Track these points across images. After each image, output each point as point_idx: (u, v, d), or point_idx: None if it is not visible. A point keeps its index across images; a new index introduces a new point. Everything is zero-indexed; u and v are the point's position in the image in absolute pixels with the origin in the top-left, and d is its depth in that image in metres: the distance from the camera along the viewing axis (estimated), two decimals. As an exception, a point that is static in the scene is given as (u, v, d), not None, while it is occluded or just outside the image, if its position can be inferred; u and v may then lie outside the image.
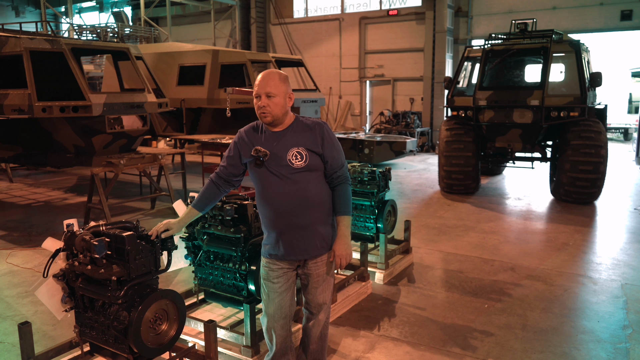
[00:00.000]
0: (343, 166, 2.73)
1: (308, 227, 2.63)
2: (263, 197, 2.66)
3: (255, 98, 2.60)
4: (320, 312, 2.87)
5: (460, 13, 15.48)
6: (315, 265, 2.73)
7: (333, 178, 2.70)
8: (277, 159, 2.59)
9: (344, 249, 2.70)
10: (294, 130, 2.65)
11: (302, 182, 2.59)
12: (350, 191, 2.76)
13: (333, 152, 2.67)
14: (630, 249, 5.74)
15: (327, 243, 2.73)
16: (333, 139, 2.69)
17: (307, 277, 2.77)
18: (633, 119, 16.38)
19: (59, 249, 2.65)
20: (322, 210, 2.67)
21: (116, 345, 2.57)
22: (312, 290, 2.80)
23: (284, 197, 2.58)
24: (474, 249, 5.75)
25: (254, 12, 18.91)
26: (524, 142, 8.43)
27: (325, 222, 2.70)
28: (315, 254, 2.70)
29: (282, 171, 2.58)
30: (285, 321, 2.82)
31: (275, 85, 2.57)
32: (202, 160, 8.88)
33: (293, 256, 2.68)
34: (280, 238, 2.65)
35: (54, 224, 6.89)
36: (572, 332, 3.76)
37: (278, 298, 2.75)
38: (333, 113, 18.10)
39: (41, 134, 6.80)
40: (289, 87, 2.64)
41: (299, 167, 2.58)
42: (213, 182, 2.78)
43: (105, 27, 18.05)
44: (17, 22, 12.36)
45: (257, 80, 2.61)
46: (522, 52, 8.54)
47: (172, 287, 4.46)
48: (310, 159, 2.60)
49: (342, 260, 2.71)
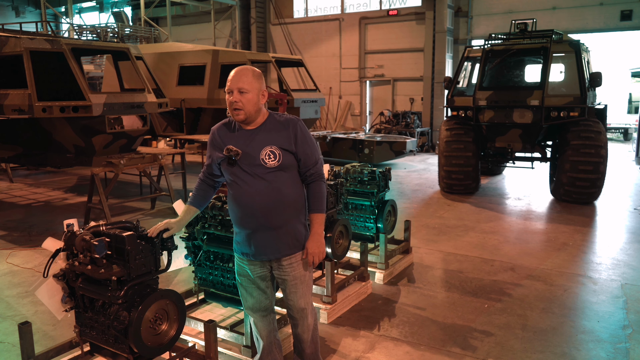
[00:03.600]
0: (317, 163, 2.67)
1: (280, 227, 2.60)
2: (235, 195, 2.61)
3: (227, 94, 2.54)
4: (307, 317, 2.83)
5: (460, 13, 15.48)
6: (291, 267, 2.68)
7: (307, 175, 2.66)
8: (250, 158, 2.54)
9: (316, 246, 2.66)
10: (266, 128, 2.60)
11: (275, 182, 2.55)
12: (325, 188, 2.71)
13: (306, 149, 2.63)
14: (630, 249, 5.74)
15: (300, 242, 2.68)
16: (307, 135, 2.64)
17: (284, 281, 2.72)
18: (633, 119, 16.38)
19: (59, 249, 2.65)
20: (296, 209, 2.64)
21: (116, 345, 2.57)
22: (291, 295, 2.75)
23: (257, 197, 2.54)
24: (474, 249, 5.75)
25: (254, 12, 18.91)
26: (524, 142, 8.43)
27: (298, 222, 2.66)
28: (287, 252, 2.65)
29: (255, 171, 2.54)
30: (265, 312, 2.81)
31: (248, 82, 2.52)
32: (202, 160, 8.87)
33: (264, 256, 2.65)
34: (251, 237, 2.61)
35: (54, 224, 6.89)
36: (572, 332, 3.76)
37: (256, 291, 2.75)
38: (333, 113, 18.11)
39: (41, 134, 6.80)
40: (262, 84, 2.60)
41: (272, 166, 2.53)
42: (201, 180, 2.80)
43: (105, 27, 18.04)
44: (17, 22, 12.38)
45: (229, 76, 2.55)
46: (522, 52, 8.54)
47: (172, 287, 4.47)
48: (283, 158, 2.55)
49: (315, 258, 2.67)
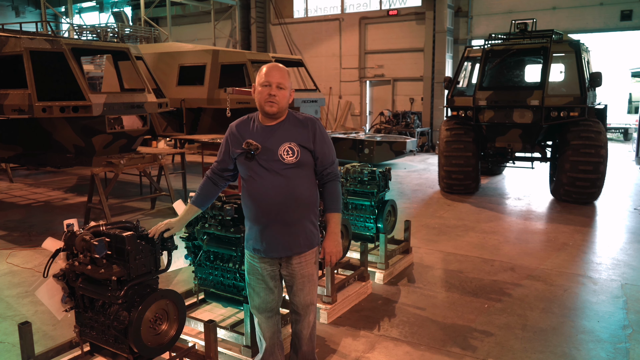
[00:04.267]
0: (333, 163, 2.71)
1: (293, 224, 2.61)
2: (250, 190, 2.62)
3: (263, 87, 2.56)
4: (309, 314, 2.84)
5: (460, 13, 15.48)
6: (300, 266, 2.68)
7: (323, 175, 2.68)
8: (268, 153, 2.57)
9: (333, 245, 2.69)
10: (286, 125, 2.63)
11: (291, 178, 2.57)
12: (340, 188, 2.74)
13: (324, 148, 2.66)
14: (630, 249, 5.74)
15: (310, 241, 2.69)
16: (325, 135, 2.68)
17: (292, 278, 2.72)
18: (633, 119, 16.38)
19: (59, 249, 2.65)
20: (309, 208, 2.65)
21: (116, 345, 2.57)
22: (298, 292, 2.75)
23: (272, 191, 2.55)
24: (474, 249, 5.75)
25: (254, 12, 18.91)
26: (524, 142, 8.43)
27: (310, 220, 2.67)
28: (298, 251, 2.65)
29: (273, 166, 2.56)
30: (271, 313, 2.81)
31: (285, 78, 2.59)
32: (202, 160, 8.87)
33: (275, 253, 2.65)
34: (263, 233, 2.62)
35: (54, 224, 6.89)
36: (572, 332, 3.76)
37: (263, 291, 2.74)
38: (333, 113, 18.10)
39: (41, 134, 6.80)
40: (291, 84, 2.68)
41: (290, 162, 2.56)
42: (209, 178, 2.79)
43: (105, 27, 18.05)
44: (17, 22, 12.38)
45: (264, 69, 2.59)
46: (522, 52, 8.53)
47: (172, 287, 4.47)
48: (301, 155, 2.58)
49: (332, 258, 2.70)
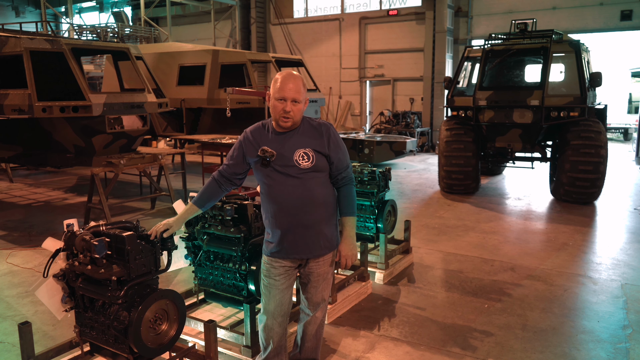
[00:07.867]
0: (348, 167, 2.75)
1: (313, 226, 2.65)
2: (269, 195, 2.65)
3: (279, 101, 2.55)
4: (318, 310, 2.89)
5: (460, 13, 15.48)
6: (317, 265, 2.74)
7: (338, 179, 2.72)
8: (284, 159, 2.59)
9: (349, 249, 2.74)
10: (301, 131, 2.66)
11: (308, 182, 2.60)
12: (355, 192, 2.79)
13: (339, 153, 2.70)
14: (630, 249, 5.74)
15: (330, 243, 2.74)
16: (339, 140, 2.72)
17: (308, 276, 2.78)
18: (633, 119, 16.37)
19: (59, 249, 2.65)
20: (327, 210, 2.69)
21: (116, 345, 2.57)
22: (311, 289, 2.81)
23: (291, 195, 2.59)
24: (474, 249, 5.75)
25: (254, 12, 18.91)
26: (524, 142, 8.43)
27: (329, 223, 2.72)
28: (319, 253, 2.71)
29: (289, 171, 2.59)
30: (283, 319, 2.83)
31: (301, 92, 2.57)
32: (202, 160, 8.87)
33: (296, 255, 2.69)
34: (285, 236, 2.65)
35: (54, 224, 6.89)
36: (572, 332, 3.76)
37: (279, 295, 2.76)
38: (333, 113, 18.10)
39: (41, 134, 6.80)
40: (305, 91, 2.66)
41: (305, 167, 2.59)
42: (215, 179, 2.78)
43: (105, 27, 18.06)
44: (17, 22, 12.38)
45: (279, 81, 2.55)
46: (522, 52, 8.53)
47: (172, 287, 4.47)
48: (316, 160, 2.61)
49: (348, 261, 2.75)
